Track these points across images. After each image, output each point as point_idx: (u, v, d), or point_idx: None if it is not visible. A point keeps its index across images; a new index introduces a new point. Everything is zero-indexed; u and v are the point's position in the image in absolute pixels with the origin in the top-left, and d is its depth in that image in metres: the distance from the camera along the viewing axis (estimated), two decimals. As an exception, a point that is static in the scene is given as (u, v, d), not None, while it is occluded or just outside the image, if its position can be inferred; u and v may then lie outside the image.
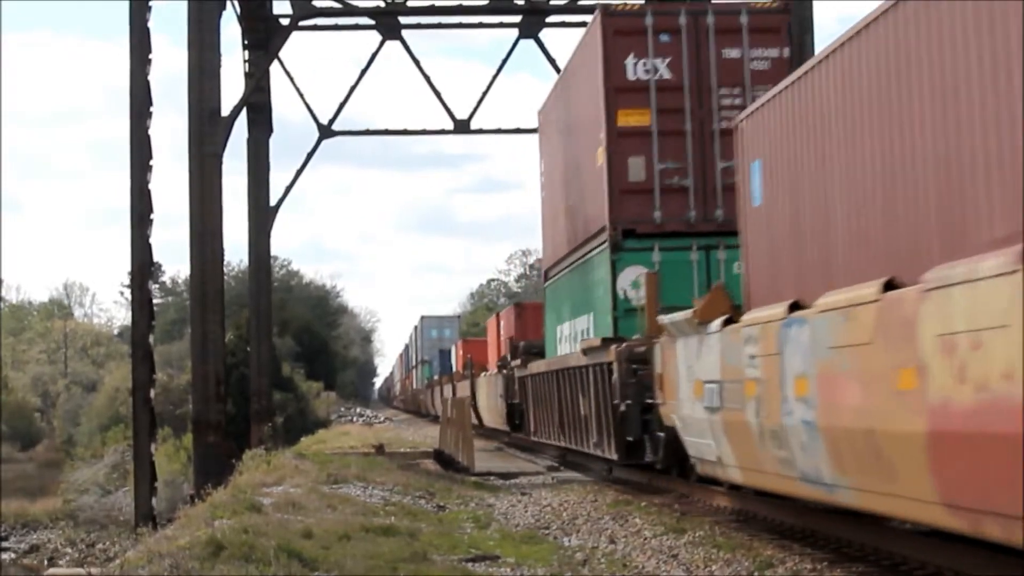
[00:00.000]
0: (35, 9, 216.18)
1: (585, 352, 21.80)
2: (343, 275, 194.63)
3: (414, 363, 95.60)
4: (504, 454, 35.36)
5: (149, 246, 26.99)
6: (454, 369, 55.48)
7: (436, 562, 12.85)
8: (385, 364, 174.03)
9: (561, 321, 26.18)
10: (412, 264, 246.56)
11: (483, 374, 43.34)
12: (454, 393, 48.76)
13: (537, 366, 28.57)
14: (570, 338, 24.99)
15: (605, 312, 21.25)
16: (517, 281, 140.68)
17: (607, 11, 21.23)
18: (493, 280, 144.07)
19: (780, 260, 13.32)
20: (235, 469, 25.07)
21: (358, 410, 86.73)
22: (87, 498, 37.57)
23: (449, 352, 66.89)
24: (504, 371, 35.32)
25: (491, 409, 40.05)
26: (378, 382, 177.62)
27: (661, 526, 15.71)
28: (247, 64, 38.91)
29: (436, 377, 66.78)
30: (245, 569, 11.20)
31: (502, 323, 42.94)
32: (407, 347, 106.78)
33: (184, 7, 28.42)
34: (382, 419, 74.31)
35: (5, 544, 35.00)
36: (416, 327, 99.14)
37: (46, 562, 31.30)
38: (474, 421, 44.22)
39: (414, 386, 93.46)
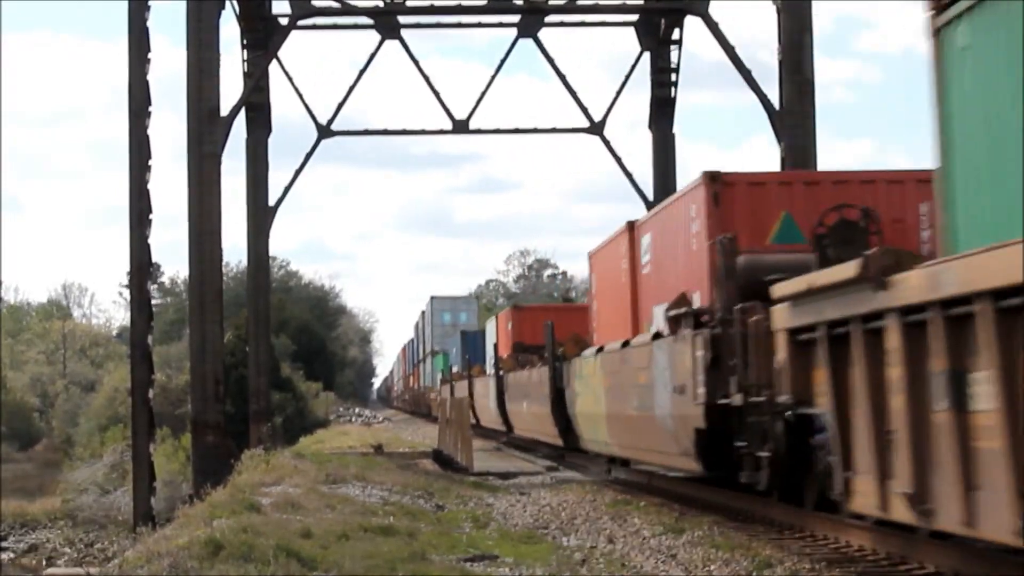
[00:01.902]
0: (35, 9, 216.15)
1: None
2: (342, 275, 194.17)
3: (422, 355, 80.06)
4: (503, 454, 35.31)
5: (148, 246, 26.97)
6: (496, 355, 38.73)
7: (435, 562, 12.86)
8: (384, 364, 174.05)
9: None
10: (410, 264, 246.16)
11: (586, 354, 24.15)
12: (500, 390, 35.18)
13: None
14: None
15: None
16: (516, 282, 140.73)
17: None
18: (492, 281, 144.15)
19: None
20: (234, 469, 25.07)
21: (357, 410, 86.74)
22: (86, 498, 37.49)
23: (476, 335, 52.48)
24: (706, 328, 15.67)
25: (631, 420, 19.88)
26: (377, 382, 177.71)
27: (660, 526, 15.72)
28: (246, 64, 38.89)
29: (456, 370, 51.09)
30: (244, 569, 11.20)
31: (649, 237, 20.33)
32: (412, 341, 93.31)
33: (183, 7, 28.39)
34: (381, 419, 74.40)
35: (4, 544, 34.96)
36: (424, 312, 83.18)
37: (45, 562, 31.29)
38: (548, 439, 29.22)
39: (421, 383, 79.16)
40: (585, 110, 39.54)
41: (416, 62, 39.17)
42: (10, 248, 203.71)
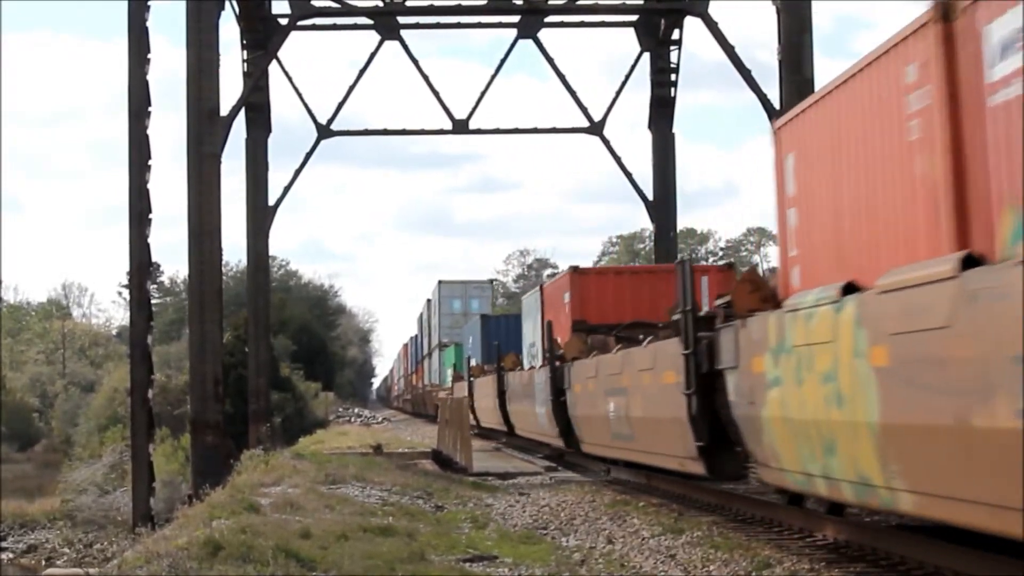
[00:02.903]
0: (35, 9, 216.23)
1: None
2: (341, 275, 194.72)
3: (427, 349, 71.76)
4: (502, 454, 35.29)
5: (148, 246, 26.95)
6: (549, 337, 25.90)
7: (434, 562, 12.84)
8: (383, 364, 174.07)
9: None
10: (410, 264, 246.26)
11: (798, 303, 11.69)
12: (558, 387, 24.64)
13: None
14: None
15: None
16: (515, 281, 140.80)
17: None
18: (491, 280, 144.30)
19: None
20: (233, 469, 25.06)
21: (356, 410, 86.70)
22: (85, 498, 37.44)
23: (500, 320, 44.52)
24: None
25: (1005, 438, 7.81)
26: (376, 382, 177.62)
27: (659, 526, 15.70)
28: (246, 64, 38.90)
29: (475, 363, 42.70)
30: (243, 569, 11.19)
31: None
32: (415, 337, 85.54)
33: (183, 7, 28.38)
34: (380, 420, 74.34)
35: (3, 544, 34.95)
36: (430, 300, 73.40)
37: (44, 562, 31.26)
38: (664, 460, 17.76)
39: (426, 381, 70.34)
40: (585, 110, 39.55)
41: (416, 62, 39.19)
42: (10, 248, 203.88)
